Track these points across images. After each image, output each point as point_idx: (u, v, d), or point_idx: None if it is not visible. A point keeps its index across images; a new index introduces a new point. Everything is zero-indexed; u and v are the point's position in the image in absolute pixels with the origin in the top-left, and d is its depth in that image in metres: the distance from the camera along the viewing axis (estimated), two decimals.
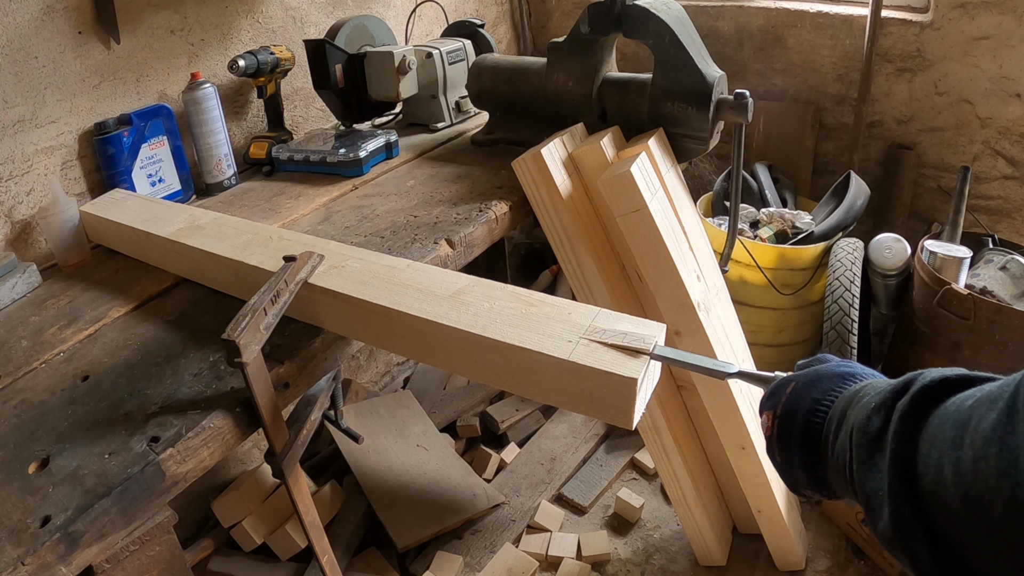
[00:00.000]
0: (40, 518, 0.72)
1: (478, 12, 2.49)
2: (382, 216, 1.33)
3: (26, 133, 1.31)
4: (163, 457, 0.79)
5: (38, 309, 1.15)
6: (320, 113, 1.94)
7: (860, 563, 1.65)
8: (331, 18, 1.89)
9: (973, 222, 2.05)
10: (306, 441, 0.94)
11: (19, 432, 0.86)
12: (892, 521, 0.44)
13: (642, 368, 0.72)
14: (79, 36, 1.36)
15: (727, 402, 1.38)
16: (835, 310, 1.78)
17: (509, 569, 1.67)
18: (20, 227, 1.33)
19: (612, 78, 1.46)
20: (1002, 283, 1.70)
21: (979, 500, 0.38)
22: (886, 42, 2.11)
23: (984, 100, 2.02)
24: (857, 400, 0.54)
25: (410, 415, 2.01)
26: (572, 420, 2.10)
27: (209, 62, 1.63)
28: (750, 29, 2.32)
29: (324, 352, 0.99)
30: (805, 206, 2.24)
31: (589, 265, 1.34)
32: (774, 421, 0.61)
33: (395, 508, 1.73)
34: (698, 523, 1.60)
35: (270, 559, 1.63)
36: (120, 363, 0.98)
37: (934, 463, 0.42)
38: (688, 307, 1.28)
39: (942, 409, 0.44)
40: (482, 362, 0.81)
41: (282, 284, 0.89)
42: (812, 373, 0.62)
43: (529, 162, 1.29)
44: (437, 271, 0.95)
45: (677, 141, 1.41)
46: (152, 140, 1.45)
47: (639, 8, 1.32)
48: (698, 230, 1.46)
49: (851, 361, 0.63)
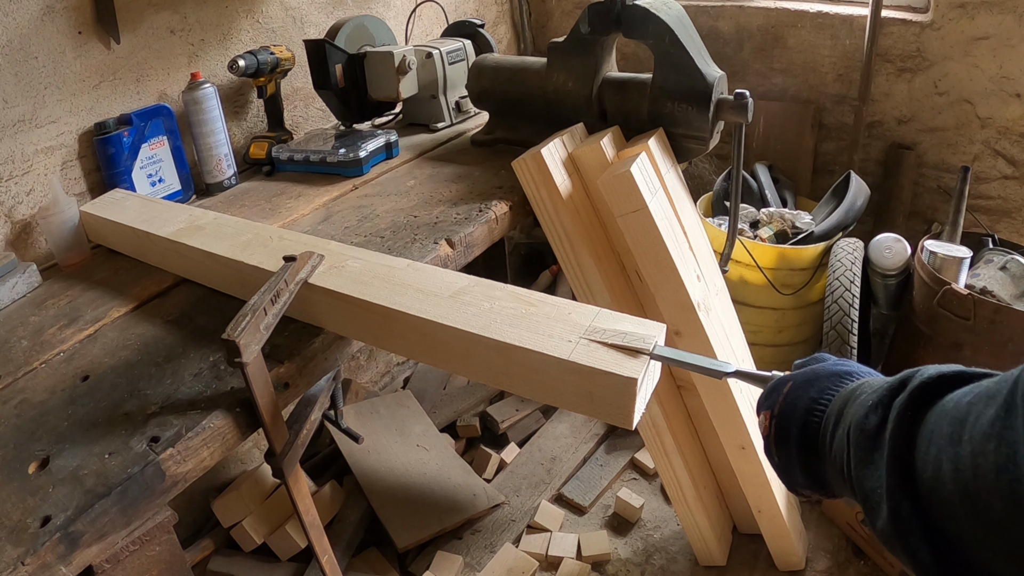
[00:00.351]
0: (40, 518, 0.72)
1: (478, 12, 2.49)
2: (382, 216, 1.33)
3: (26, 133, 1.31)
4: (163, 457, 0.79)
5: (38, 309, 1.15)
6: (320, 113, 1.94)
7: (860, 563, 1.65)
8: (331, 18, 1.89)
9: (973, 222, 2.04)
10: (306, 441, 0.94)
11: (19, 432, 0.86)
12: (891, 518, 0.44)
13: (642, 368, 0.72)
14: (79, 36, 1.36)
15: (727, 402, 1.38)
16: (835, 310, 1.78)
17: (509, 569, 1.67)
18: (20, 227, 1.33)
19: (612, 78, 1.46)
20: (1002, 283, 1.70)
21: (978, 496, 0.38)
22: (886, 42, 2.11)
23: (984, 100, 2.02)
24: (854, 398, 0.54)
25: (410, 415, 2.01)
26: (572, 420, 2.10)
27: (209, 62, 1.63)
28: (750, 29, 2.32)
29: (324, 352, 0.99)
30: (805, 206, 2.24)
31: (589, 265, 1.34)
32: (771, 421, 0.61)
33: (395, 508, 1.73)
34: (698, 523, 1.60)
35: (270, 559, 1.63)
36: (120, 363, 0.98)
37: (932, 459, 0.42)
38: (688, 307, 1.28)
39: (940, 406, 0.44)
40: (482, 362, 0.81)
41: (282, 284, 0.89)
42: (809, 372, 0.62)
43: (529, 162, 1.29)
44: (437, 271, 0.95)
45: (677, 141, 1.41)
46: (152, 140, 1.45)
47: (639, 8, 1.32)
48: (698, 230, 1.46)
49: (848, 360, 0.63)
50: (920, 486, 0.42)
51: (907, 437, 0.44)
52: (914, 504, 0.43)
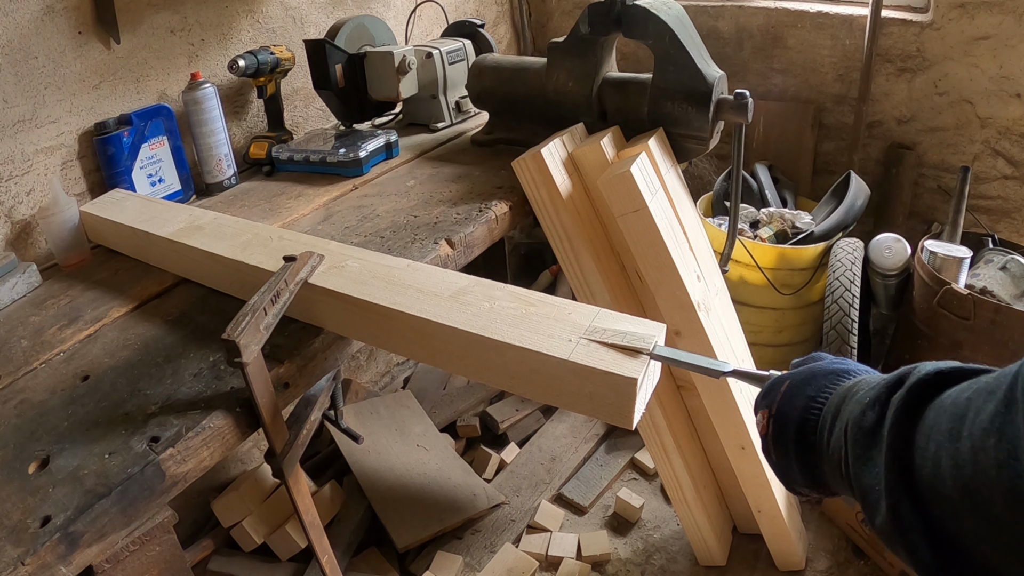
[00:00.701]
0: (40, 518, 0.72)
1: (478, 12, 2.49)
2: (382, 216, 1.33)
3: (26, 133, 1.31)
4: (163, 457, 0.79)
5: (38, 309, 1.15)
6: (320, 113, 1.94)
7: (860, 563, 1.65)
8: (331, 18, 1.89)
9: (973, 222, 2.04)
10: (306, 441, 0.94)
11: (19, 432, 0.86)
12: (890, 515, 0.43)
13: (642, 368, 0.72)
14: (79, 36, 1.36)
15: (727, 402, 1.38)
16: (835, 310, 1.78)
17: (509, 569, 1.67)
18: (20, 227, 1.33)
19: (612, 78, 1.46)
20: (1002, 283, 1.70)
21: (979, 492, 0.37)
22: (886, 42, 2.11)
23: (984, 100, 2.02)
24: (851, 396, 0.54)
25: (410, 415, 2.01)
26: (572, 420, 2.10)
27: (209, 62, 1.63)
28: (750, 29, 2.32)
29: (324, 352, 0.99)
30: (805, 206, 2.24)
31: (589, 265, 1.34)
32: (769, 420, 0.61)
33: (395, 508, 1.73)
34: (698, 523, 1.60)
35: (270, 559, 1.63)
36: (120, 363, 0.98)
37: (931, 456, 0.41)
38: (688, 307, 1.28)
39: (938, 402, 0.44)
40: (482, 362, 0.81)
41: (282, 284, 0.89)
42: (806, 371, 0.62)
43: (529, 162, 1.29)
44: (437, 271, 0.95)
45: (677, 141, 1.41)
46: (152, 140, 1.45)
47: (639, 8, 1.32)
48: (698, 230, 1.46)
49: (845, 359, 0.63)
50: (919, 483, 0.42)
51: (905, 434, 0.44)
52: (913, 501, 0.42)
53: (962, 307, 1.61)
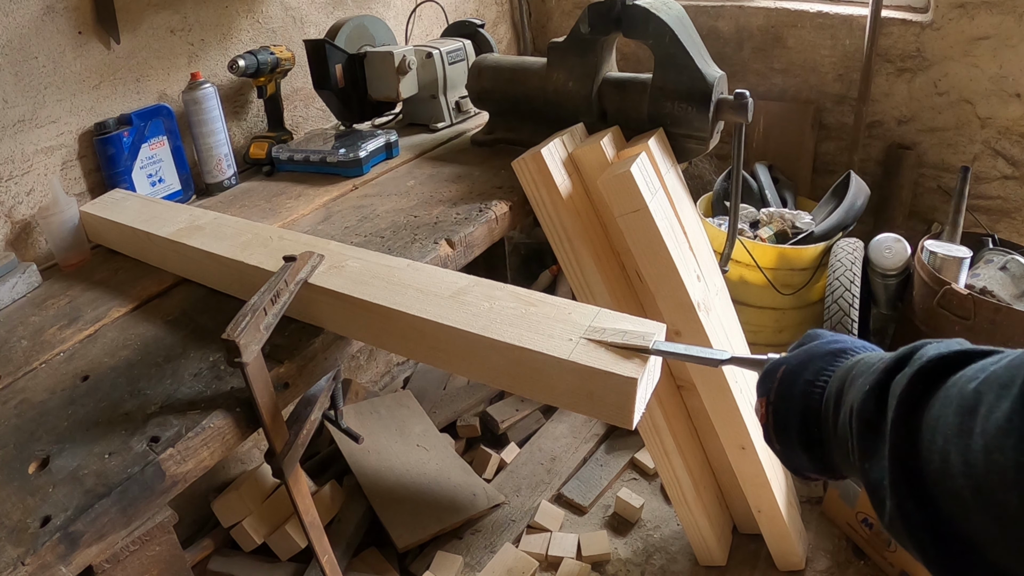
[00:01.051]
0: (40, 518, 0.72)
1: (478, 12, 2.49)
2: (382, 216, 1.33)
3: (26, 133, 1.31)
4: (163, 457, 0.79)
5: (38, 309, 1.15)
6: (320, 113, 1.94)
7: (860, 563, 1.65)
8: (331, 18, 1.89)
9: (973, 222, 2.05)
10: (306, 441, 0.94)
11: (19, 432, 0.86)
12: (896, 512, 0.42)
13: (642, 368, 0.72)
14: (79, 36, 1.36)
15: (727, 402, 1.38)
16: (835, 310, 1.78)
17: (509, 569, 1.67)
18: (20, 227, 1.33)
19: (612, 78, 1.46)
20: (1002, 283, 1.70)
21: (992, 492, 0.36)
22: (886, 42, 2.11)
23: (984, 100, 2.02)
24: (851, 380, 0.52)
25: (410, 415, 2.01)
26: (572, 420, 2.10)
27: (209, 62, 1.63)
28: (750, 29, 2.32)
29: (324, 352, 0.99)
30: (805, 206, 2.24)
31: (589, 265, 1.34)
32: (768, 408, 0.60)
33: (395, 508, 1.73)
34: (698, 523, 1.60)
35: (270, 559, 1.63)
36: (120, 363, 0.98)
37: (939, 451, 0.40)
38: (688, 307, 1.28)
39: (943, 392, 0.42)
40: (482, 362, 0.81)
41: (282, 284, 0.89)
42: (803, 354, 0.60)
43: (529, 162, 1.29)
44: (437, 271, 0.95)
45: (677, 141, 1.41)
46: (152, 140, 1.45)
47: (639, 8, 1.32)
48: (698, 230, 1.46)
49: (842, 336, 0.61)
50: (925, 478, 0.41)
51: (910, 428, 0.43)
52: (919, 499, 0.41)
53: (962, 307, 1.61)
